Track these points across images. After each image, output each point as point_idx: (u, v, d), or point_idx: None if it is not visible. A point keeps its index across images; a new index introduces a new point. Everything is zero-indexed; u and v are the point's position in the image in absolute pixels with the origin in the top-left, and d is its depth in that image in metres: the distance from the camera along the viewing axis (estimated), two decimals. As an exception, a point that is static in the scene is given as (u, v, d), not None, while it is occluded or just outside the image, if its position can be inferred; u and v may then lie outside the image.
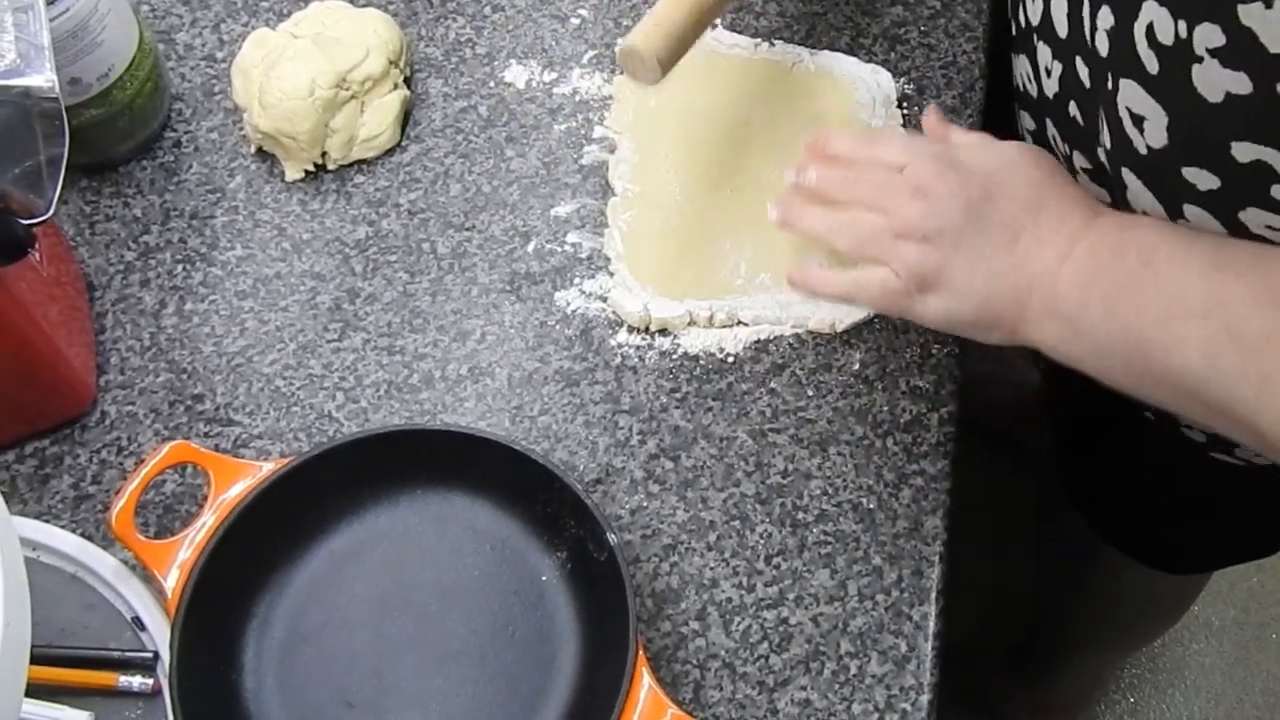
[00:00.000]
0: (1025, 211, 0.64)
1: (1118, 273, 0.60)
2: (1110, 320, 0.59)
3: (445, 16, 0.88)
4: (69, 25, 0.71)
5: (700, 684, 0.68)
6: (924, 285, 0.64)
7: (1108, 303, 0.60)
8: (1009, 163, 0.66)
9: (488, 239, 0.80)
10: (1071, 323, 0.61)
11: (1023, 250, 0.63)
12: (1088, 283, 0.61)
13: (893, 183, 0.67)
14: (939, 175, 0.65)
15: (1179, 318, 0.57)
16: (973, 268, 0.63)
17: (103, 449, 0.74)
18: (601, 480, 0.73)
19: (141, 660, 0.65)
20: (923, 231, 0.64)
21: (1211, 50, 0.55)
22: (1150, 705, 1.62)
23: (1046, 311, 0.62)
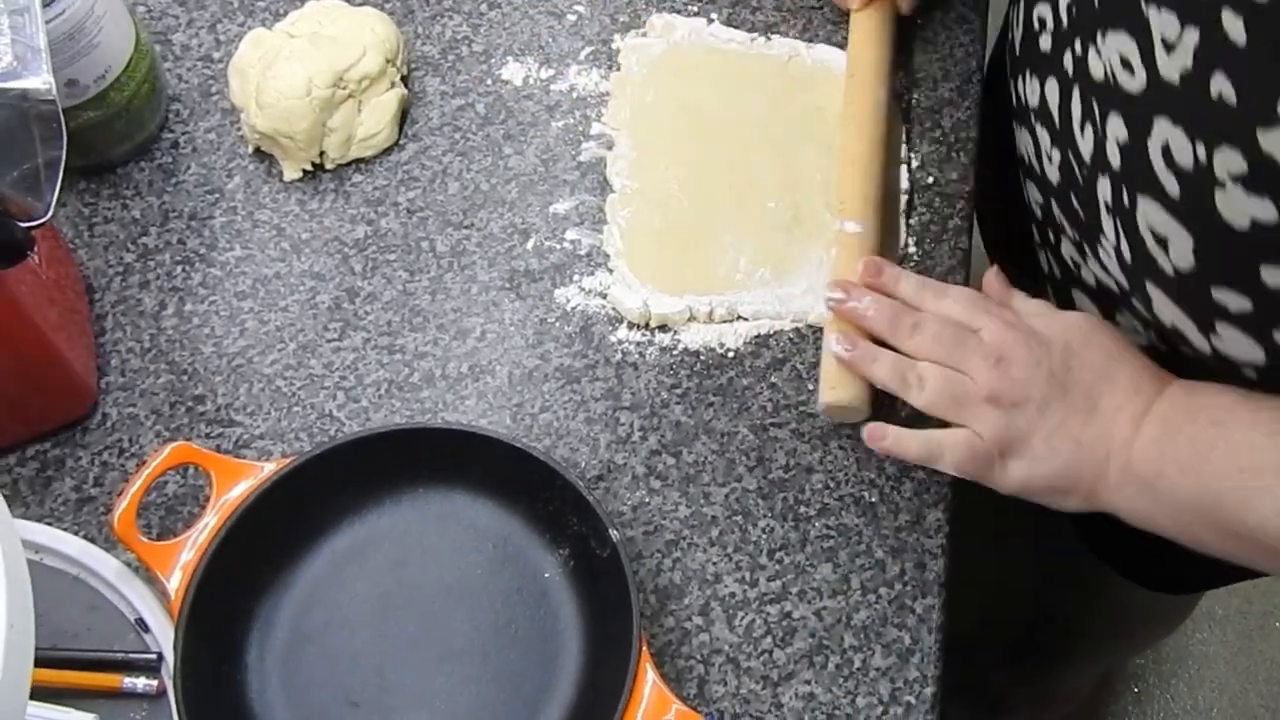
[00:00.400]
0: (1102, 381, 0.65)
1: (1191, 435, 0.61)
2: (1185, 482, 0.61)
3: (442, 14, 0.88)
4: (65, 27, 0.71)
5: (704, 679, 0.68)
6: (1007, 450, 0.66)
7: (1182, 465, 0.61)
8: (1081, 333, 0.67)
9: (487, 237, 0.80)
10: (1149, 486, 0.62)
11: (1101, 418, 0.64)
12: (1162, 448, 0.62)
13: (969, 343, 0.67)
14: (1020, 344, 0.66)
15: (1252, 475, 0.58)
16: (1054, 435, 0.65)
17: (104, 451, 0.74)
18: (603, 477, 0.73)
19: (145, 662, 0.65)
20: (1010, 399, 0.65)
21: (1234, 176, 0.55)
22: (1154, 695, 1.62)
23: (1124, 477, 0.63)
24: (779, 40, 0.86)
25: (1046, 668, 1.36)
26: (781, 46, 0.86)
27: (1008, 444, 0.65)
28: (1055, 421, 0.65)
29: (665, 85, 0.84)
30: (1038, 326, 0.68)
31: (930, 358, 0.68)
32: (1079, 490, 0.65)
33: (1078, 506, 0.66)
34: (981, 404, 0.66)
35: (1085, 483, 0.65)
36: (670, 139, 0.82)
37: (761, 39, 0.86)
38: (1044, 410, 0.65)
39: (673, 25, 0.86)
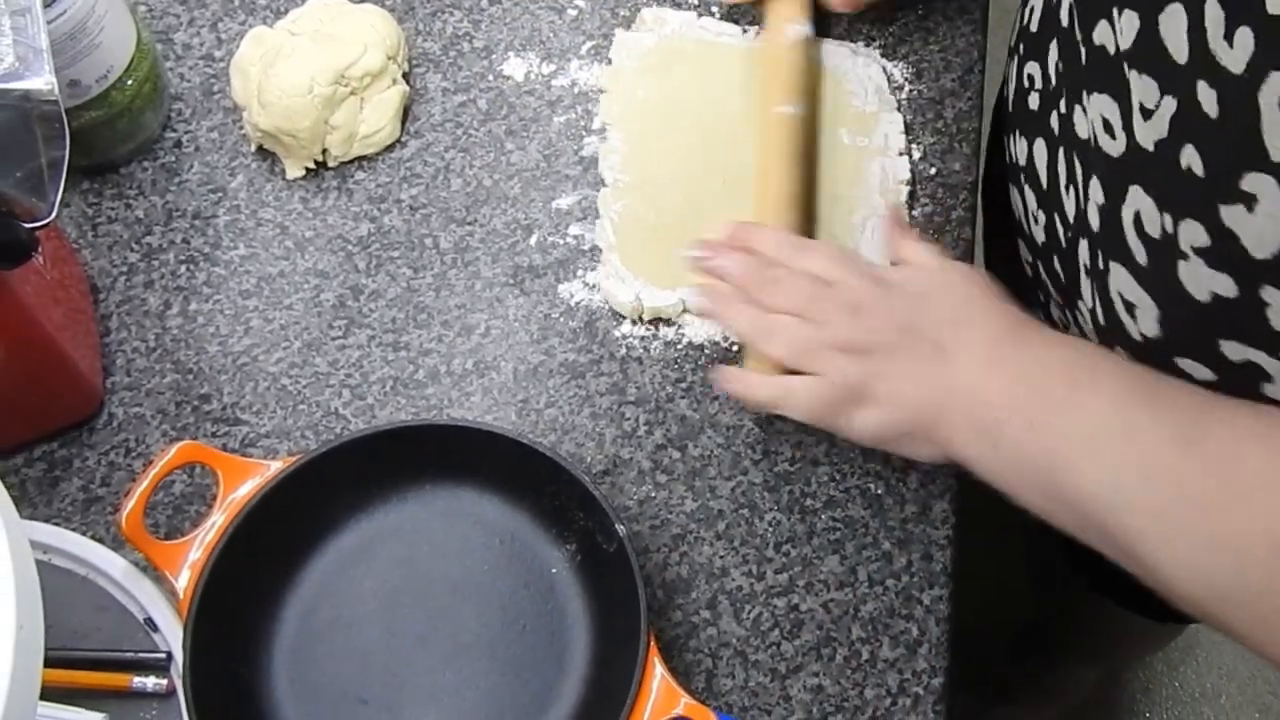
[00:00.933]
0: (954, 326, 0.65)
1: (1042, 390, 0.60)
2: (1029, 439, 0.60)
3: (442, 11, 0.88)
4: (67, 27, 0.71)
5: (712, 673, 0.68)
6: (857, 397, 0.65)
7: (1029, 420, 0.60)
8: (939, 284, 0.68)
9: (490, 233, 0.80)
10: (991, 437, 0.62)
11: (948, 363, 0.64)
12: (1011, 400, 0.61)
13: (826, 296, 0.68)
14: (876, 294, 0.67)
15: (1092, 442, 0.57)
16: (903, 380, 0.65)
17: (111, 451, 0.74)
18: (609, 471, 0.73)
19: (155, 661, 0.65)
20: (859, 346, 0.65)
21: (1196, 249, 0.55)
22: (1163, 681, 1.62)
23: (970, 424, 0.63)
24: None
25: (1048, 664, 1.37)
26: (777, 40, 0.86)
27: (856, 390, 0.65)
28: (904, 367, 0.65)
29: (657, 80, 0.83)
30: (899, 277, 0.68)
31: (789, 310, 0.68)
32: (927, 437, 0.65)
33: (931, 454, 0.66)
34: (833, 352, 0.66)
35: (932, 429, 0.64)
36: (662, 133, 0.82)
37: (754, 32, 0.86)
38: (892, 356, 0.65)
39: (663, 19, 0.86)
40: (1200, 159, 0.52)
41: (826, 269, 0.69)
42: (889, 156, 0.81)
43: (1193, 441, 0.54)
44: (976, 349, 0.64)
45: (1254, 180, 0.49)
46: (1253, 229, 0.50)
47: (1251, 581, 0.51)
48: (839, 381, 0.66)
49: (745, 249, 0.71)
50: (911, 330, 0.65)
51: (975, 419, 0.62)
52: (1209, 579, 0.53)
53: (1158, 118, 0.54)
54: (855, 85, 0.83)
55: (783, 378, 0.68)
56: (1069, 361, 0.61)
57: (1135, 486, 0.55)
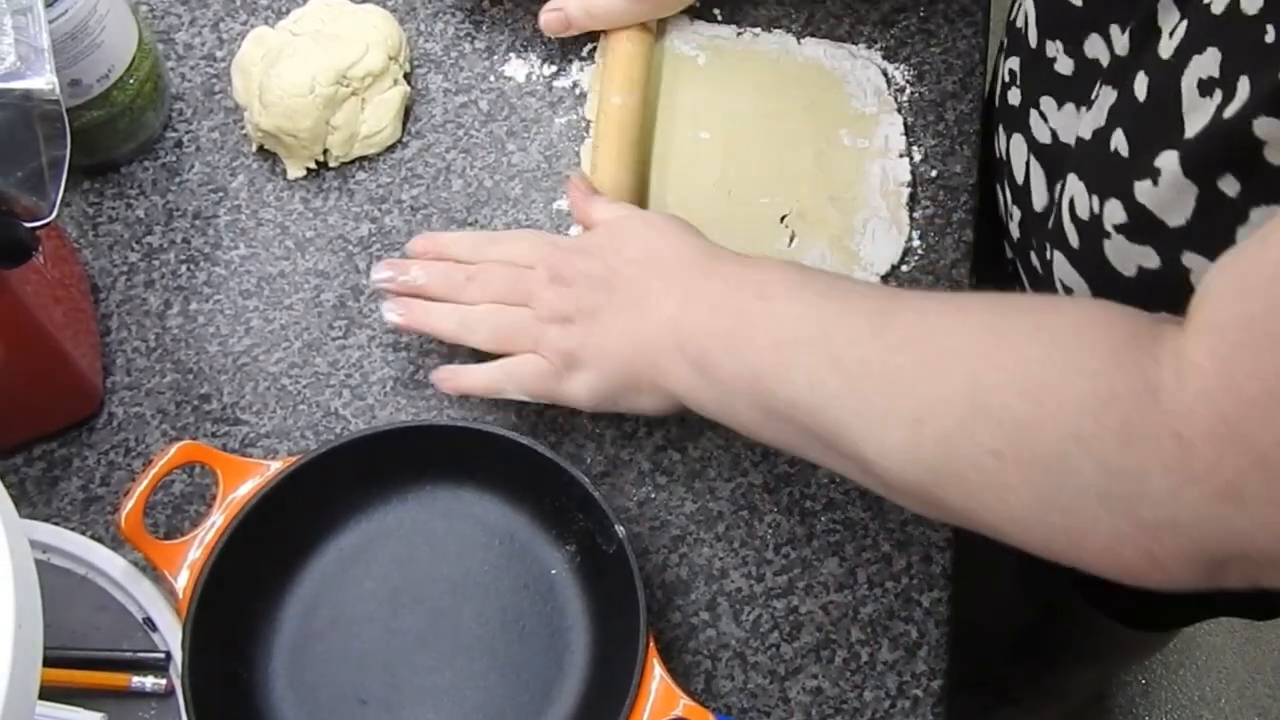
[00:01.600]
0: (649, 274, 0.65)
1: (737, 310, 0.61)
2: (730, 358, 0.60)
3: (444, 11, 0.88)
4: (68, 27, 0.71)
5: (712, 674, 0.68)
6: (571, 363, 0.66)
7: (725, 341, 0.60)
8: (625, 232, 0.68)
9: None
10: (698, 365, 0.62)
11: (649, 306, 0.64)
12: (709, 327, 0.61)
13: (526, 277, 0.68)
14: (569, 263, 0.67)
15: (788, 348, 0.58)
16: (606, 335, 0.65)
17: (110, 450, 0.74)
18: (609, 473, 0.73)
19: (153, 661, 0.65)
20: (563, 313, 0.66)
21: (1117, 226, 0.56)
22: (1161, 684, 1.62)
23: (675, 357, 0.63)
24: (766, 36, 0.86)
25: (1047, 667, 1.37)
26: (770, 42, 0.86)
27: (569, 354, 0.66)
28: (605, 323, 0.65)
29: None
30: (591, 240, 0.69)
31: (490, 300, 0.69)
32: (644, 385, 0.65)
33: (656, 404, 0.66)
34: (540, 325, 0.67)
35: (646, 375, 0.64)
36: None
37: (749, 34, 0.86)
38: (594, 315, 0.65)
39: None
40: (1126, 141, 0.55)
41: (524, 254, 0.69)
42: (889, 158, 0.81)
43: (881, 328, 0.55)
44: (671, 286, 0.64)
45: (1164, 157, 0.52)
46: (1160, 200, 0.53)
47: (956, 450, 0.51)
48: (549, 352, 0.66)
49: (437, 257, 0.72)
50: (607, 285, 0.66)
51: (682, 354, 0.62)
52: (916, 458, 0.53)
53: (1097, 107, 0.57)
54: (855, 87, 0.83)
55: (495, 362, 0.68)
56: (761, 278, 0.61)
57: (832, 380, 0.55)
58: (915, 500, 0.56)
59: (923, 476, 0.53)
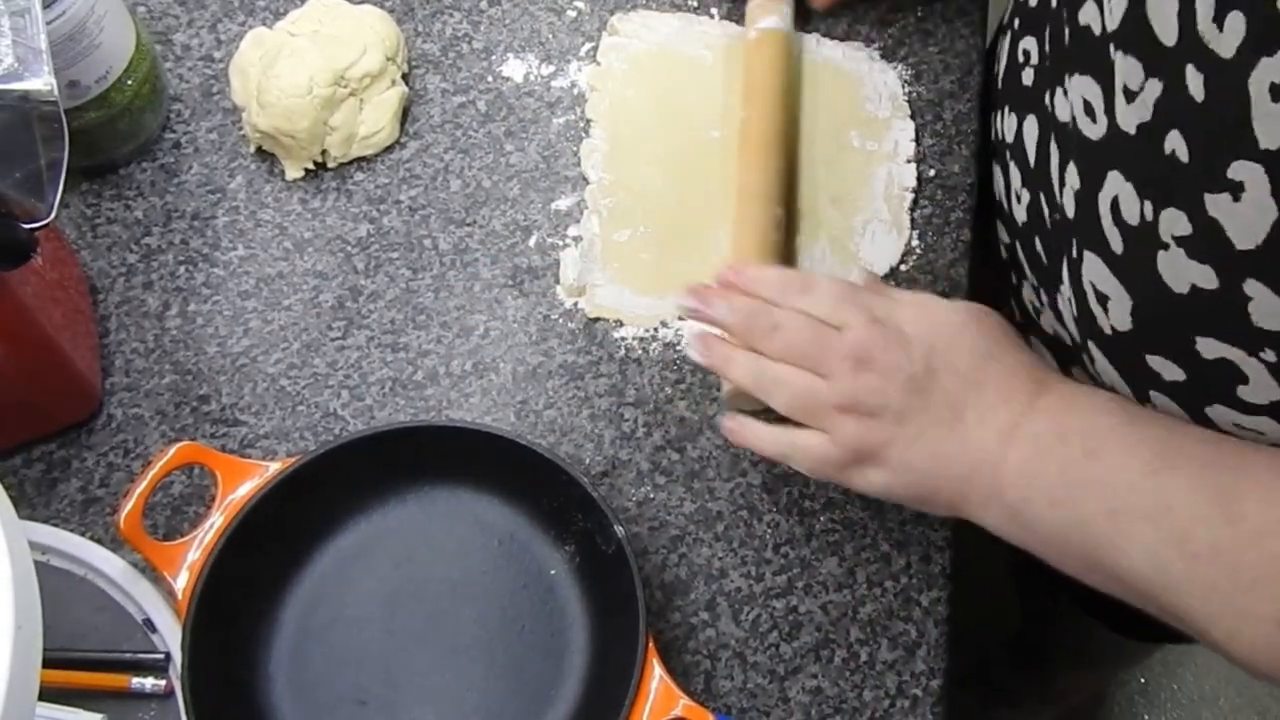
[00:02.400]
0: (968, 388, 0.61)
1: (1062, 464, 0.58)
2: (1054, 513, 0.58)
3: (442, 12, 0.88)
4: (66, 28, 0.71)
5: (711, 674, 0.68)
6: (864, 459, 0.62)
7: (1052, 498, 0.58)
8: (953, 331, 0.63)
9: (489, 234, 0.80)
10: (1015, 512, 0.59)
11: (964, 431, 0.61)
12: (1031, 474, 0.59)
13: (829, 344, 0.63)
14: (882, 345, 0.62)
15: (1124, 518, 0.55)
16: (913, 446, 0.61)
17: (109, 452, 0.74)
18: (608, 473, 0.73)
19: (153, 662, 0.65)
20: (867, 407, 0.62)
21: (1177, 239, 0.53)
22: (1161, 683, 1.62)
23: (989, 497, 0.60)
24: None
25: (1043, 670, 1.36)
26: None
27: (863, 453, 0.62)
28: (914, 432, 0.61)
29: (646, 81, 0.83)
30: (906, 324, 0.63)
31: (788, 359, 0.64)
32: (941, 503, 0.62)
33: (945, 513, 0.64)
34: (838, 411, 0.62)
35: (946, 496, 0.62)
36: (645, 134, 0.81)
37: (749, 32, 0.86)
38: (902, 419, 0.61)
39: (650, 24, 0.86)
40: (1186, 145, 0.50)
41: (830, 311, 0.65)
42: (896, 163, 0.81)
43: (1232, 513, 0.52)
44: (992, 417, 0.60)
45: (1241, 168, 0.48)
46: (1238, 219, 0.49)
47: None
48: (844, 444, 0.62)
49: (742, 291, 0.68)
50: (922, 390, 0.61)
51: (997, 498, 0.60)
52: (1271, 652, 0.51)
53: (1141, 100, 0.53)
54: (871, 90, 0.83)
55: (789, 432, 0.65)
56: (1088, 426, 0.58)
57: (1177, 564, 0.53)
58: (1265, 678, 0.54)
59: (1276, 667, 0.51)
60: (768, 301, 0.66)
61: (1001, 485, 0.59)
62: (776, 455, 0.66)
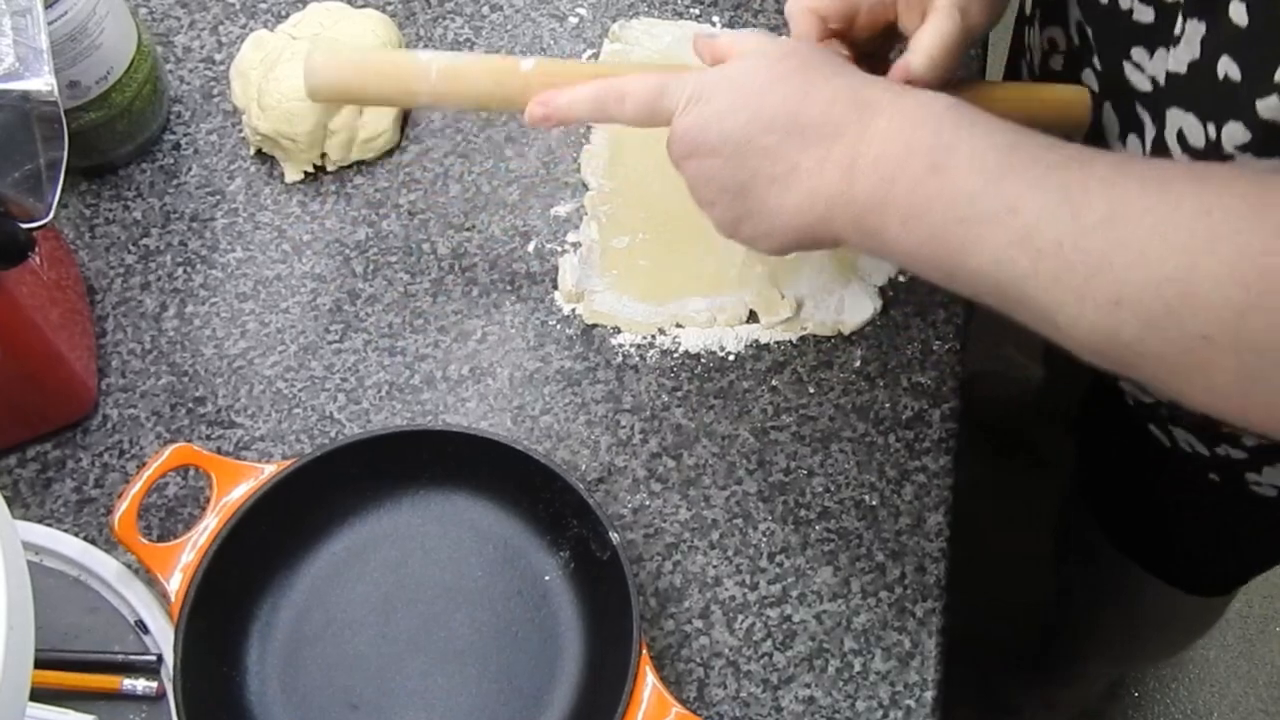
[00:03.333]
0: (788, 142, 0.61)
1: (909, 183, 0.58)
2: (908, 231, 0.58)
3: (443, 16, 0.88)
4: (67, 28, 0.71)
5: (704, 682, 0.68)
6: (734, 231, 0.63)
7: (904, 217, 0.58)
8: (757, 97, 0.62)
9: (488, 239, 0.80)
10: (873, 236, 0.60)
11: (804, 179, 0.60)
12: (881, 198, 0.59)
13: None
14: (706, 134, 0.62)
15: (973, 224, 0.56)
16: (762, 216, 0.62)
17: (105, 452, 0.74)
18: (604, 479, 0.73)
19: (145, 664, 0.65)
20: (709, 199, 0.63)
21: (1239, 146, 0.56)
22: (1154, 699, 1.62)
23: (849, 227, 0.60)
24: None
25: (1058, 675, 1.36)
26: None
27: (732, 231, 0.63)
28: (755, 204, 0.61)
29: None
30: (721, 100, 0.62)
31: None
32: (825, 241, 0.62)
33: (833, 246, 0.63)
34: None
35: (818, 236, 0.62)
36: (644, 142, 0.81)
37: None
38: (740, 197, 0.62)
39: (651, 31, 0.86)
40: (1237, 66, 0.54)
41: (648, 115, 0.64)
42: None
43: (1079, 206, 0.53)
44: (826, 157, 0.60)
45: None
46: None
47: (1160, 333, 0.51)
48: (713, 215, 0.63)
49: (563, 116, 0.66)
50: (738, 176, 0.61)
51: (855, 226, 0.60)
52: (1114, 335, 0.52)
53: (1186, 41, 0.56)
54: None
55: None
56: (929, 142, 0.59)
57: (1022, 259, 0.54)
58: (1104, 364, 0.55)
59: (1119, 351, 0.53)
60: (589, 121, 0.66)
61: (857, 214, 0.60)
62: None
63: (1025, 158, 0.56)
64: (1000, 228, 0.55)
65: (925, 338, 0.77)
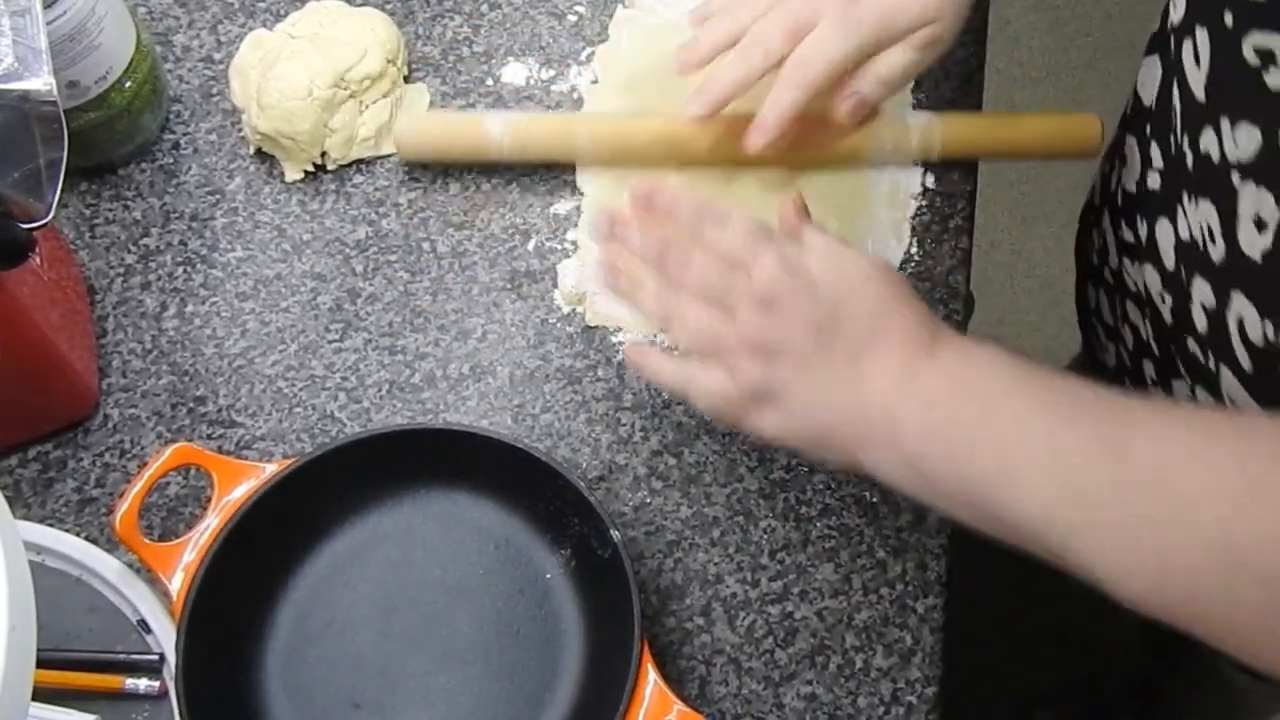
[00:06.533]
0: (869, 337, 0.61)
1: (958, 420, 0.58)
2: (948, 464, 0.58)
3: (442, 15, 0.88)
4: (66, 28, 0.71)
5: (706, 680, 0.68)
6: (763, 399, 0.62)
7: (947, 451, 0.58)
8: (859, 282, 0.63)
9: (488, 237, 0.80)
10: (910, 462, 0.59)
11: (864, 379, 0.61)
12: (928, 426, 0.59)
13: (738, 282, 0.63)
14: (789, 289, 0.62)
15: (1018, 470, 0.55)
16: (812, 391, 0.61)
17: (106, 452, 0.74)
18: (604, 477, 0.73)
19: (147, 663, 0.65)
20: (769, 349, 0.62)
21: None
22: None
23: (885, 445, 0.60)
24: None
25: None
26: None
27: (761, 394, 0.62)
28: (814, 376, 0.61)
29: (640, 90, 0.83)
30: (815, 270, 0.63)
31: (698, 292, 0.64)
32: (835, 448, 0.62)
33: (840, 464, 0.63)
34: (740, 350, 0.62)
35: (841, 442, 0.62)
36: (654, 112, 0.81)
37: None
38: (803, 364, 0.61)
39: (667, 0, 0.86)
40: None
41: (744, 248, 0.64)
42: (903, 169, 0.81)
43: (1120, 456, 0.52)
44: (891, 364, 0.60)
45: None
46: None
47: (1205, 593, 0.50)
48: (743, 384, 0.62)
49: (657, 212, 0.68)
50: (826, 337, 0.62)
51: (893, 446, 0.60)
52: (1159, 593, 0.51)
53: (1271, 231, 0.54)
54: None
55: (687, 367, 0.65)
56: (983, 378, 0.59)
57: (1063, 510, 0.53)
58: (1153, 615, 0.54)
59: (1164, 606, 0.52)
60: (682, 228, 0.67)
61: (898, 435, 0.59)
62: (674, 389, 0.67)
63: (1069, 400, 0.56)
64: (1047, 479, 0.54)
65: (925, 334, 0.76)
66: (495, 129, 0.79)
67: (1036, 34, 1.97)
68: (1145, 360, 0.78)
